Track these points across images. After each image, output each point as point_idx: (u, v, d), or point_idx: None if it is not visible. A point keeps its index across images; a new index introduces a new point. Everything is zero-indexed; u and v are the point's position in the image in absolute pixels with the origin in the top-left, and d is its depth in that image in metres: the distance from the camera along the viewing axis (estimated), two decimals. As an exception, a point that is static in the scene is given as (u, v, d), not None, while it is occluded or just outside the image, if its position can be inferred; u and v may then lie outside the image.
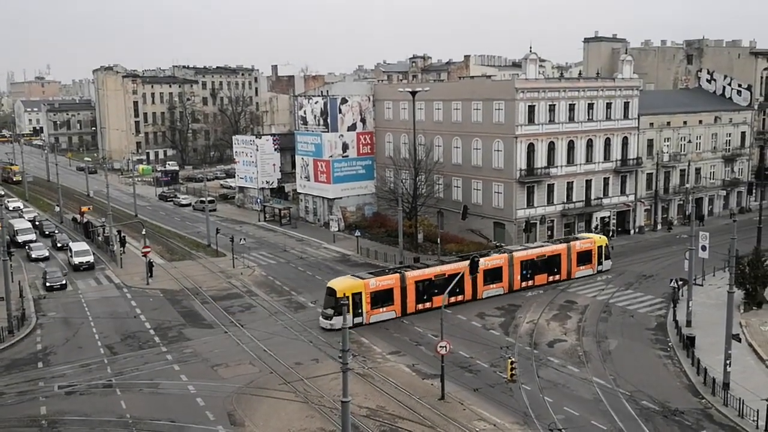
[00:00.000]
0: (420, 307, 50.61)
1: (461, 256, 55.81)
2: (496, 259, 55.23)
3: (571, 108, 68.41)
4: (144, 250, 62.35)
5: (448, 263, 53.13)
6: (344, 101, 79.25)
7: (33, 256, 69.13)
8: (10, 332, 47.71)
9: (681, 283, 50.87)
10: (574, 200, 70.20)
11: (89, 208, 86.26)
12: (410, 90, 70.14)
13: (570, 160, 69.34)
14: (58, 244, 73.64)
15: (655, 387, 38.15)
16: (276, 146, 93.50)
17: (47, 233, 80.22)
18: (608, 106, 71.25)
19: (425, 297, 50.70)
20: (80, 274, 63.86)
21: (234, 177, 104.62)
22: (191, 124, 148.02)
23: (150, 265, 61.31)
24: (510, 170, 65.94)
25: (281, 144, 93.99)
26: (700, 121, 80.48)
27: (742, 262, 48.74)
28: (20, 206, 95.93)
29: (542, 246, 59.29)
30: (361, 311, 48.57)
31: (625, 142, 73.30)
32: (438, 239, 65.85)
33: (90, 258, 65.87)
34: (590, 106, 69.76)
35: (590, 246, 60.24)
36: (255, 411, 36.00)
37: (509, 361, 39.23)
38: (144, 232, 69.18)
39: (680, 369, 40.62)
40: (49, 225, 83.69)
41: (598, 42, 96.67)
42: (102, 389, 39.21)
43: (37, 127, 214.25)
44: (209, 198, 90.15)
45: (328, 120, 78.54)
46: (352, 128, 79.93)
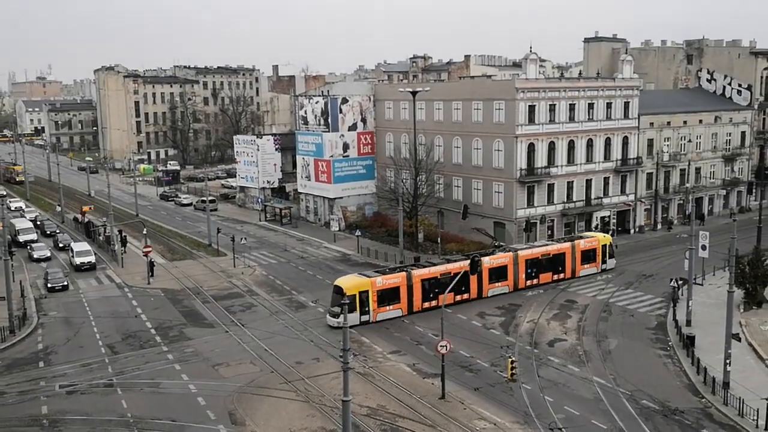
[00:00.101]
0: (426, 306, 50.70)
1: (467, 255, 55.91)
2: (502, 258, 55.44)
3: (572, 108, 68.48)
4: (145, 250, 62.52)
5: (454, 262, 53.22)
6: (345, 101, 79.32)
7: (35, 257, 68.99)
8: (12, 332, 47.82)
9: (681, 283, 50.94)
10: (575, 200, 70.28)
11: (90, 208, 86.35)
12: (411, 90, 70.17)
13: (570, 160, 69.42)
14: (60, 245, 73.52)
15: (655, 386, 38.22)
16: (277, 146, 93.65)
17: (49, 233, 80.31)
18: (608, 106, 71.30)
19: (431, 295, 50.78)
20: (81, 274, 63.90)
21: (235, 177, 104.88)
22: (192, 124, 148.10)
23: (151, 265, 61.39)
24: (510, 170, 66.02)
25: (282, 144, 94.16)
26: (700, 121, 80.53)
27: (742, 262, 48.80)
28: (22, 206, 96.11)
29: (547, 245, 59.48)
30: (368, 309, 48.81)
31: (626, 142, 73.36)
32: (438, 239, 65.98)
33: (91, 258, 65.90)
34: (590, 106, 69.82)
35: (594, 245, 60.44)
36: (256, 410, 36.07)
37: (509, 361, 39.28)
38: (145, 232, 69.49)
39: (680, 368, 40.68)
40: (51, 225, 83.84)
41: (599, 42, 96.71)
42: (103, 388, 39.28)
43: (39, 127, 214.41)
44: (210, 198, 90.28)
45: (329, 120, 78.61)
46: (353, 128, 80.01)
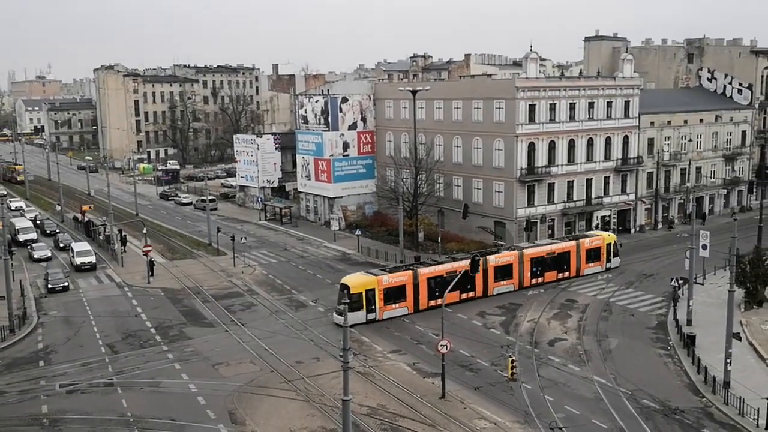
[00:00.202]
0: (432, 304, 50.67)
1: (472, 254, 56.01)
2: (507, 257, 55.63)
3: (572, 107, 68.43)
4: (145, 249, 62.49)
5: (460, 260, 53.27)
6: (345, 100, 79.25)
7: (35, 257, 68.66)
8: (12, 331, 47.79)
9: (681, 282, 50.95)
10: (575, 199, 70.23)
11: (90, 207, 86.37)
12: (411, 89, 70.09)
13: (571, 159, 69.37)
14: (61, 245, 73.14)
15: (656, 386, 38.19)
16: (277, 145, 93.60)
17: (48, 232, 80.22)
18: (609, 105, 71.24)
19: (437, 293, 50.73)
20: (81, 274, 63.75)
21: (235, 176, 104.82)
22: (192, 123, 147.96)
23: (151, 264, 61.34)
24: (510, 169, 65.97)
25: (282, 143, 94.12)
26: (701, 120, 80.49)
27: (743, 261, 48.73)
28: (22, 206, 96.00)
29: (552, 243, 59.70)
30: (374, 307, 49.03)
31: (626, 141, 73.31)
32: (439, 238, 65.94)
33: (92, 258, 65.68)
34: (591, 105, 69.76)
35: (599, 243, 60.59)
36: (256, 410, 36.04)
37: (510, 360, 39.25)
38: (145, 231, 69.50)
39: (681, 368, 40.66)
40: (50, 224, 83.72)
41: (599, 41, 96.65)
42: (103, 388, 39.26)
43: (38, 126, 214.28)
44: (210, 197, 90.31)
45: (329, 119, 78.54)
46: (353, 127, 79.95)
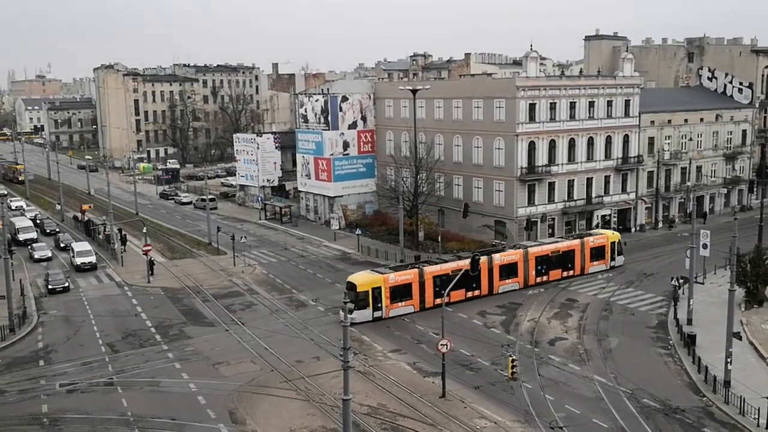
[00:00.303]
0: (438, 302, 50.48)
1: (473, 252, 56.11)
2: (512, 255, 55.80)
3: (572, 106, 68.40)
4: (145, 249, 62.44)
5: (465, 259, 53.20)
6: (345, 99, 79.20)
7: (36, 257, 68.35)
8: (12, 330, 47.76)
9: (682, 281, 50.92)
10: (575, 198, 70.22)
11: (90, 207, 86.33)
12: (411, 88, 70.03)
13: (571, 158, 69.34)
14: (62, 245, 72.76)
15: (656, 385, 38.17)
16: (277, 144, 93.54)
17: (48, 231, 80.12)
18: (609, 104, 71.21)
19: (443, 292, 50.62)
20: (82, 273, 63.61)
21: (235, 175, 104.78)
22: (192, 123, 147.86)
23: (151, 264, 61.30)
24: (511, 168, 65.94)
25: (282, 142, 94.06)
26: (702, 119, 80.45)
27: (744, 260, 48.65)
28: (23, 205, 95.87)
29: (557, 242, 59.90)
30: (381, 305, 49.22)
31: (626, 140, 73.28)
32: (439, 237, 65.89)
33: (92, 258, 65.41)
34: (591, 104, 69.73)
35: (603, 242, 60.76)
36: (256, 409, 36.02)
37: (510, 359, 39.27)
38: (145, 231, 69.43)
39: (681, 367, 40.65)
40: (50, 223, 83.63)
41: (599, 40, 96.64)
42: (103, 387, 39.24)
43: (38, 126, 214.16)
44: (210, 196, 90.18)
45: (329, 118, 78.49)
46: (353, 126, 79.91)
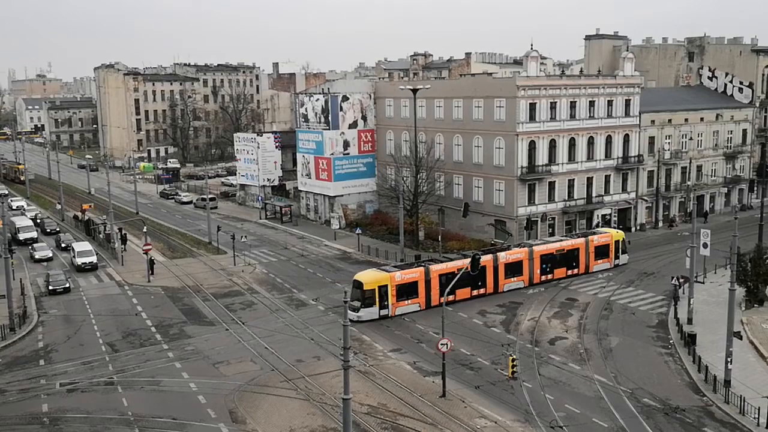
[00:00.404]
0: (443, 300, 50.67)
1: (483, 251, 56.76)
2: (517, 253, 55.97)
3: (573, 105, 68.41)
4: (145, 248, 62.43)
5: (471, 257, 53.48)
6: (345, 99, 79.21)
7: (36, 257, 68.15)
8: (12, 330, 47.76)
9: (682, 281, 50.93)
10: (576, 198, 70.24)
11: (90, 206, 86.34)
12: (411, 87, 70.03)
13: (571, 158, 69.36)
14: (63, 245, 72.51)
15: (656, 384, 38.18)
16: (277, 144, 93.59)
17: (49, 231, 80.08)
18: (609, 104, 71.22)
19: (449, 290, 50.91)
20: (82, 273, 63.47)
21: (235, 175, 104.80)
22: (192, 122, 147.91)
23: (151, 263, 61.32)
24: (511, 168, 65.95)
25: (282, 142, 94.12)
26: (702, 119, 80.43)
27: (744, 260, 48.68)
28: (23, 205, 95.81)
29: (561, 240, 60.13)
30: (387, 304, 49.43)
31: (627, 140, 73.28)
32: (439, 237, 65.90)
33: (93, 258, 65.13)
34: (591, 104, 69.73)
35: (608, 240, 60.90)
36: (256, 408, 36.02)
37: (510, 359, 39.29)
38: (145, 230, 69.48)
39: (681, 366, 40.64)
40: (51, 223, 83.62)
41: (600, 39, 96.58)
42: (104, 387, 39.24)
43: (38, 125, 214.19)
44: (210, 196, 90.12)
45: (329, 117, 78.51)
46: (353, 126, 79.92)
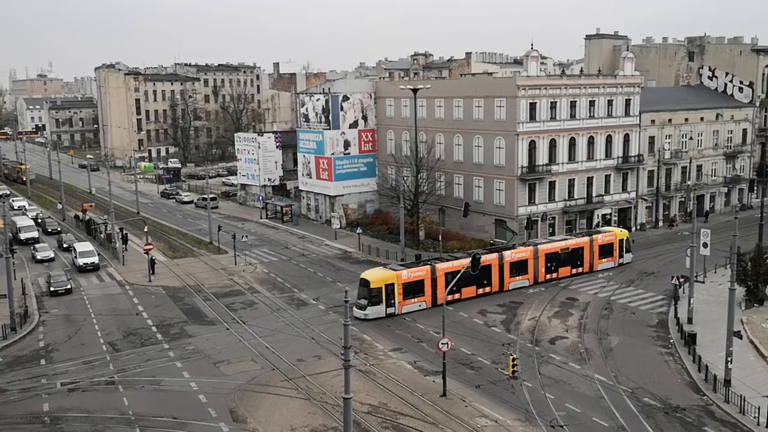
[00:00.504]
0: (449, 298, 50.81)
1: (489, 250, 57.06)
2: (522, 252, 56.27)
3: (573, 105, 68.45)
4: (146, 248, 62.49)
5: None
6: (346, 99, 79.26)
7: (38, 258, 68.02)
8: (13, 329, 47.83)
9: (682, 280, 50.96)
10: (576, 197, 70.28)
11: (91, 206, 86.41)
12: (412, 87, 70.08)
13: (571, 158, 69.40)
14: (64, 245, 72.20)
15: (657, 384, 38.24)
16: (278, 144, 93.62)
17: (50, 231, 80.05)
18: (609, 104, 71.25)
19: (454, 288, 50.87)
20: (83, 273, 63.44)
21: (236, 174, 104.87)
22: (193, 122, 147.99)
23: (152, 263, 61.37)
24: (511, 167, 66.00)
25: (283, 141, 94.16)
26: (702, 119, 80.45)
27: (744, 259, 48.70)
28: (25, 205, 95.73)
29: (566, 239, 60.46)
30: (394, 302, 49.68)
31: (627, 140, 73.31)
32: (440, 236, 65.95)
33: (95, 259, 65.02)
34: (591, 104, 69.78)
35: (612, 239, 61.17)
36: (257, 408, 36.09)
37: (511, 358, 39.33)
38: (146, 230, 69.46)
39: (681, 366, 40.68)
40: (52, 222, 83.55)
41: (600, 39, 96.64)
42: (104, 386, 39.30)
43: (39, 125, 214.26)
44: (211, 195, 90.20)
45: (330, 117, 78.56)
46: (354, 126, 79.97)
